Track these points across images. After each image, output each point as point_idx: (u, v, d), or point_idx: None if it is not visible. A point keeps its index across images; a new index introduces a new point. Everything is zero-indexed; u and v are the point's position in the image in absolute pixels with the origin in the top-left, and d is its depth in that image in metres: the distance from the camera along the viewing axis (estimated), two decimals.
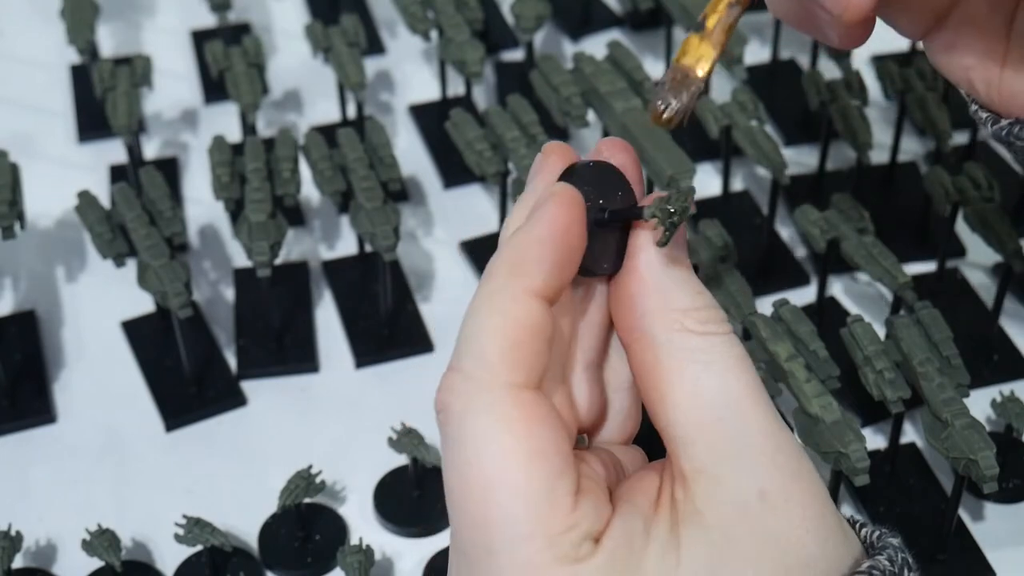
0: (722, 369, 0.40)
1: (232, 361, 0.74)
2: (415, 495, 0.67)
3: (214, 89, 0.92)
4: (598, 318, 0.43)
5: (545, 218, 0.40)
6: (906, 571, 0.40)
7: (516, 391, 0.39)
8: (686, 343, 0.40)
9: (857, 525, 0.42)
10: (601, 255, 0.42)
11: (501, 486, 0.38)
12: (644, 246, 0.41)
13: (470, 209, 0.84)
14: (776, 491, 0.39)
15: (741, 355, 0.40)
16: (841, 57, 0.83)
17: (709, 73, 0.43)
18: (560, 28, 0.98)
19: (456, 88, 0.91)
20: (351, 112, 0.88)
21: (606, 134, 0.76)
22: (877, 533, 0.41)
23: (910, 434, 0.69)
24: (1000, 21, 0.47)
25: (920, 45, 0.53)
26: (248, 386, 0.73)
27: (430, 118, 0.90)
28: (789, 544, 0.39)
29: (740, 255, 0.70)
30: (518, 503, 0.38)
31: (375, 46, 0.97)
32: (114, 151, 0.87)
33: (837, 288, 0.77)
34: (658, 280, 0.41)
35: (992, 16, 0.47)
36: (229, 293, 0.79)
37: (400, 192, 0.84)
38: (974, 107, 0.50)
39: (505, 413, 0.38)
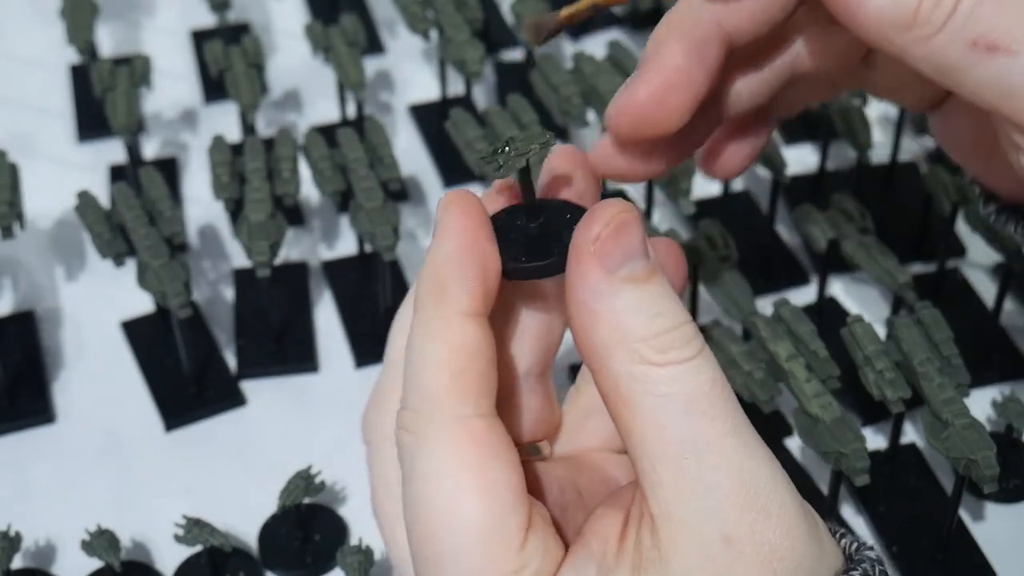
0: (684, 403, 0.36)
1: (232, 361, 0.74)
2: None
3: (214, 89, 0.92)
4: (552, 320, 0.41)
5: (451, 231, 0.38)
6: None
7: (465, 422, 0.38)
8: (646, 376, 0.36)
9: (838, 535, 0.40)
10: (526, 255, 0.39)
11: (451, 521, 0.37)
12: (589, 273, 0.37)
13: None
14: (742, 535, 0.36)
15: (709, 381, 0.37)
16: None
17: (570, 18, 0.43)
18: None
19: (456, 88, 0.91)
20: (351, 112, 0.88)
21: None
22: (855, 545, 0.40)
23: (910, 434, 0.69)
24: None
25: None
26: (248, 386, 0.73)
27: (430, 118, 0.90)
28: None
29: (740, 255, 0.70)
30: (468, 539, 0.37)
31: (375, 46, 0.97)
32: (114, 151, 0.87)
33: (837, 288, 0.77)
34: (607, 309, 0.36)
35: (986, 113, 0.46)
36: (229, 293, 0.79)
37: (400, 192, 0.83)
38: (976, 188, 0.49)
39: (455, 446, 0.37)
